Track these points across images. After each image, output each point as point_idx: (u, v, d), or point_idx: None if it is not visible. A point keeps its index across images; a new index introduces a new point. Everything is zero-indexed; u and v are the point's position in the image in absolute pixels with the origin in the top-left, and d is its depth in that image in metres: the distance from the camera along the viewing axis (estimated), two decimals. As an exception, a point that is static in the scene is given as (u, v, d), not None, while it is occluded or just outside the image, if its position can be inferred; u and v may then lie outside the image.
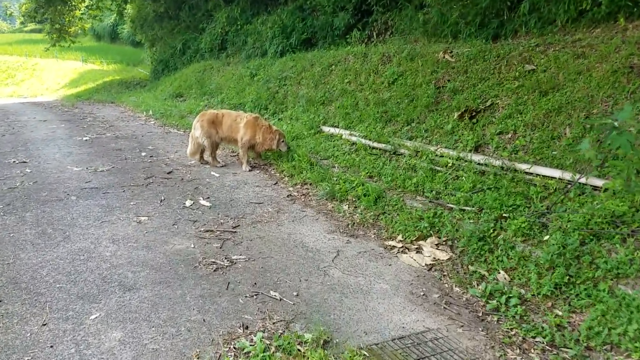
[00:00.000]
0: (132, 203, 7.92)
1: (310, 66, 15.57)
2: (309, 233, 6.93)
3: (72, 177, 9.26)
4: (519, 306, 5.09)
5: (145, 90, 28.37)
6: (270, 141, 9.89)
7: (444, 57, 11.64)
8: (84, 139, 13.56)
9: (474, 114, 9.63)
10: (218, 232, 6.90)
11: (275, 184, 9.26)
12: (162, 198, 8.22)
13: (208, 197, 8.35)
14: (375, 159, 9.56)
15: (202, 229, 6.97)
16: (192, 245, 6.41)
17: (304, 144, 11.19)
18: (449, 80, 10.82)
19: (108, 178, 9.30)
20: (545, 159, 7.73)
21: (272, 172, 10.08)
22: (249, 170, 10.15)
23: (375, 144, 10.05)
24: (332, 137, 11.42)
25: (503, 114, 9.05)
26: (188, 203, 8.01)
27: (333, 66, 14.63)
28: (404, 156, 9.26)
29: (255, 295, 5.27)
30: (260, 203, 8.12)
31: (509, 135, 8.74)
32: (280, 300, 5.19)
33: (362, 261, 6.15)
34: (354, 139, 10.65)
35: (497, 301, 5.24)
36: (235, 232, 6.91)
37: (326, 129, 11.97)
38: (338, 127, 11.81)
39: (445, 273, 5.91)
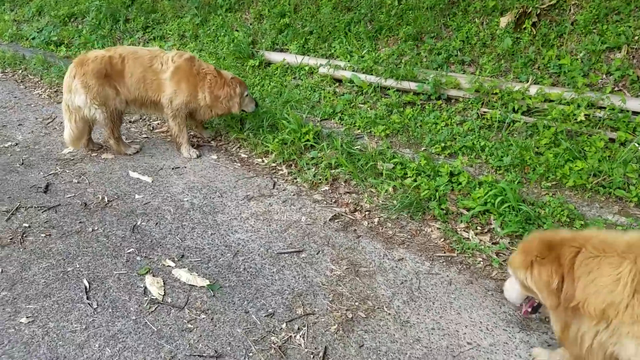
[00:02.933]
0: (22, 318, 3.30)
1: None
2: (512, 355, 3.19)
3: None
4: None
5: None
6: (227, 100, 5.45)
7: None
8: None
9: (535, 19, 6.19)
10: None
11: (273, 186, 5.03)
12: (87, 282, 3.65)
13: (183, 256, 3.96)
14: (417, 112, 5.74)
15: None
16: None
17: (261, 91, 6.81)
18: (453, -34, 7.04)
19: None
20: None
21: (243, 156, 5.72)
22: (197, 157, 5.66)
23: (394, 83, 6.15)
24: (295, 72, 7.17)
25: (586, 17, 5.76)
26: (154, 286, 3.62)
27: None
28: (466, 103, 5.59)
29: None
30: (299, 251, 4.01)
31: (623, 53, 5.54)
32: None
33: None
34: (345, 74, 6.56)
35: None
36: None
37: (275, 56, 7.57)
38: (291, 53, 7.51)
39: None
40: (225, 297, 3.53)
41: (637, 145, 4.49)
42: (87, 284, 3.64)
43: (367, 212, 4.51)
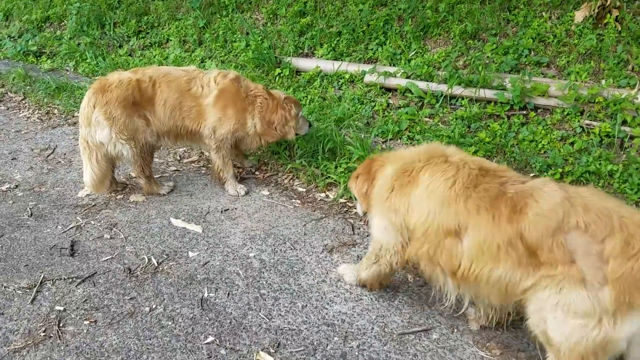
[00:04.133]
0: None
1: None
2: None
3: None
4: None
5: None
6: (282, 126, 4.55)
7: None
8: None
9: (617, 13, 5.45)
10: None
11: (352, 231, 4.15)
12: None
13: (279, 344, 3.10)
14: (505, 126, 4.92)
15: None
16: None
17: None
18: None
19: None
20: None
21: (300, 190, 4.83)
22: (245, 193, 4.73)
23: (464, 91, 5.33)
24: (332, 81, 6.27)
25: None
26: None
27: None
28: (562, 114, 4.81)
29: None
30: (426, 330, 3.20)
31: None
32: None
33: None
34: (399, 82, 5.71)
35: None
36: None
37: (305, 63, 6.66)
38: (322, 58, 6.62)
39: None
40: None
41: None
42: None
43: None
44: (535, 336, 2.55)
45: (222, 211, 4.48)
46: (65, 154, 5.68)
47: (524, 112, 5.09)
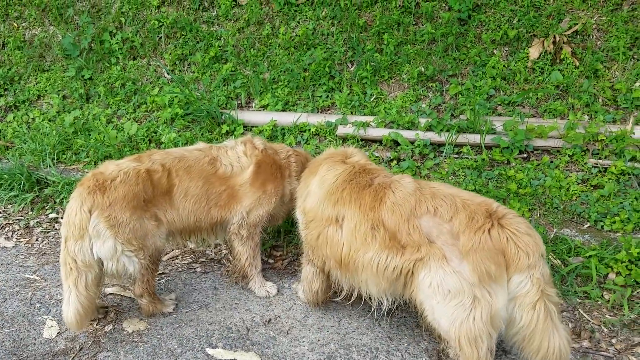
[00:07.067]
0: None
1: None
2: None
3: None
4: None
5: None
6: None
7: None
8: None
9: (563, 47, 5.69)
10: None
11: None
12: None
13: None
14: (522, 172, 4.75)
15: None
16: None
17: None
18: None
19: None
20: None
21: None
22: (277, 292, 3.82)
23: (461, 138, 5.12)
24: (293, 133, 5.61)
25: (613, 43, 5.45)
26: None
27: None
28: (568, 155, 4.84)
29: None
30: None
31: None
32: None
33: None
34: (382, 132, 5.29)
35: None
36: None
37: (253, 116, 5.86)
38: (262, 109, 5.98)
39: None
40: None
41: None
42: None
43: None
44: (439, 335, 2.74)
45: (264, 324, 3.50)
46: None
47: (524, 155, 4.98)
